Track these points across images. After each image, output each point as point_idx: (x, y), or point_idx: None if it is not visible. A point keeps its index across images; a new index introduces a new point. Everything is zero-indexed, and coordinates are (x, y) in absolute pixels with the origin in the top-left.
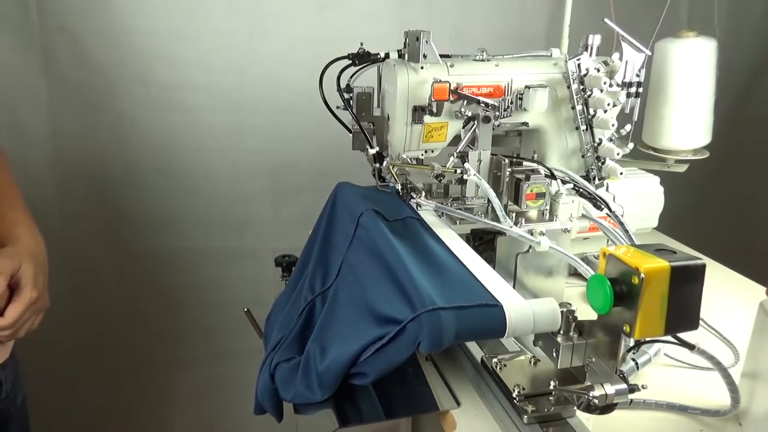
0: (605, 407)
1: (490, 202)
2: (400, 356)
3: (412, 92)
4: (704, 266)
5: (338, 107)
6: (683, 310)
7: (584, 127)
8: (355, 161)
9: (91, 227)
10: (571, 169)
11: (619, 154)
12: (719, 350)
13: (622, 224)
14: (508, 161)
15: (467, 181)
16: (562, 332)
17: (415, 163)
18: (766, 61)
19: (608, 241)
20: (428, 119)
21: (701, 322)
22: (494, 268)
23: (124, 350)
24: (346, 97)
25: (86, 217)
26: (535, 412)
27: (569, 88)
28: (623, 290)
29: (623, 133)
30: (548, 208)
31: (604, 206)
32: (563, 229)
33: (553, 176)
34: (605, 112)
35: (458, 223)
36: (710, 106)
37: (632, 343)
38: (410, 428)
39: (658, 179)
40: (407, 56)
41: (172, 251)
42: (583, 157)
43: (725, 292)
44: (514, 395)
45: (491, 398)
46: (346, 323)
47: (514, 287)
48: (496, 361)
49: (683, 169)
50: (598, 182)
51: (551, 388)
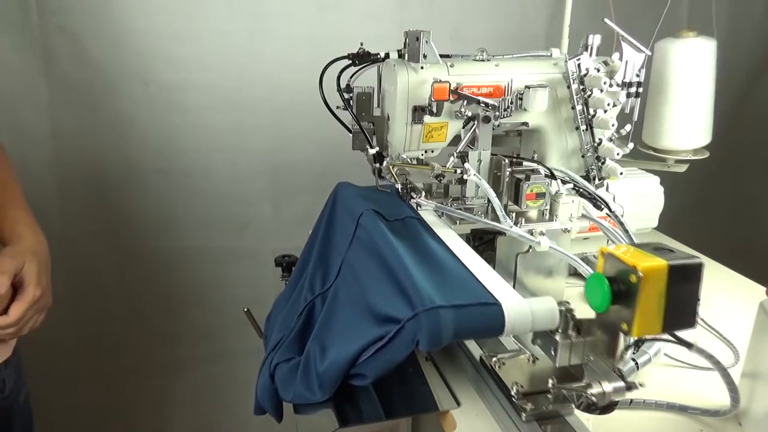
0: (605, 407)
1: (490, 202)
2: (399, 355)
3: (412, 92)
4: (702, 265)
5: (338, 107)
6: (681, 308)
7: (584, 127)
8: (355, 161)
9: (91, 227)
10: (571, 169)
11: (619, 154)
12: (719, 350)
13: (622, 224)
14: (508, 161)
15: (467, 181)
16: (560, 331)
17: (415, 163)
18: (766, 61)
19: (608, 241)
20: (428, 119)
21: (701, 322)
22: (494, 268)
23: (124, 350)
24: (346, 97)
25: (86, 217)
26: (533, 409)
27: (569, 88)
28: (621, 289)
29: (623, 133)
30: (548, 208)
31: (604, 206)
32: (563, 229)
33: (553, 176)
34: (605, 112)
35: (458, 223)
36: (710, 106)
37: (631, 341)
38: (410, 428)
39: (658, 179)
40: (407, 56)
41: (172, 251)
42: (583, 157)
43: (725, 292)
44: (512, 393)
45: (490, 397)
46: (346, 323)
47: (514, 287)
48: (495, 359)
49: (683, 169)
50: (598, 182)
51: (550, 386)
